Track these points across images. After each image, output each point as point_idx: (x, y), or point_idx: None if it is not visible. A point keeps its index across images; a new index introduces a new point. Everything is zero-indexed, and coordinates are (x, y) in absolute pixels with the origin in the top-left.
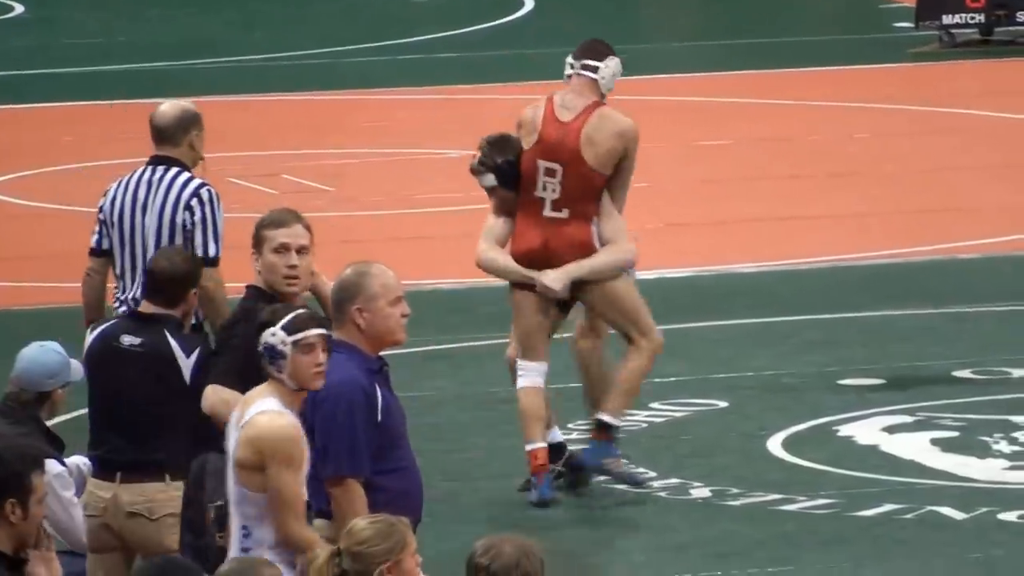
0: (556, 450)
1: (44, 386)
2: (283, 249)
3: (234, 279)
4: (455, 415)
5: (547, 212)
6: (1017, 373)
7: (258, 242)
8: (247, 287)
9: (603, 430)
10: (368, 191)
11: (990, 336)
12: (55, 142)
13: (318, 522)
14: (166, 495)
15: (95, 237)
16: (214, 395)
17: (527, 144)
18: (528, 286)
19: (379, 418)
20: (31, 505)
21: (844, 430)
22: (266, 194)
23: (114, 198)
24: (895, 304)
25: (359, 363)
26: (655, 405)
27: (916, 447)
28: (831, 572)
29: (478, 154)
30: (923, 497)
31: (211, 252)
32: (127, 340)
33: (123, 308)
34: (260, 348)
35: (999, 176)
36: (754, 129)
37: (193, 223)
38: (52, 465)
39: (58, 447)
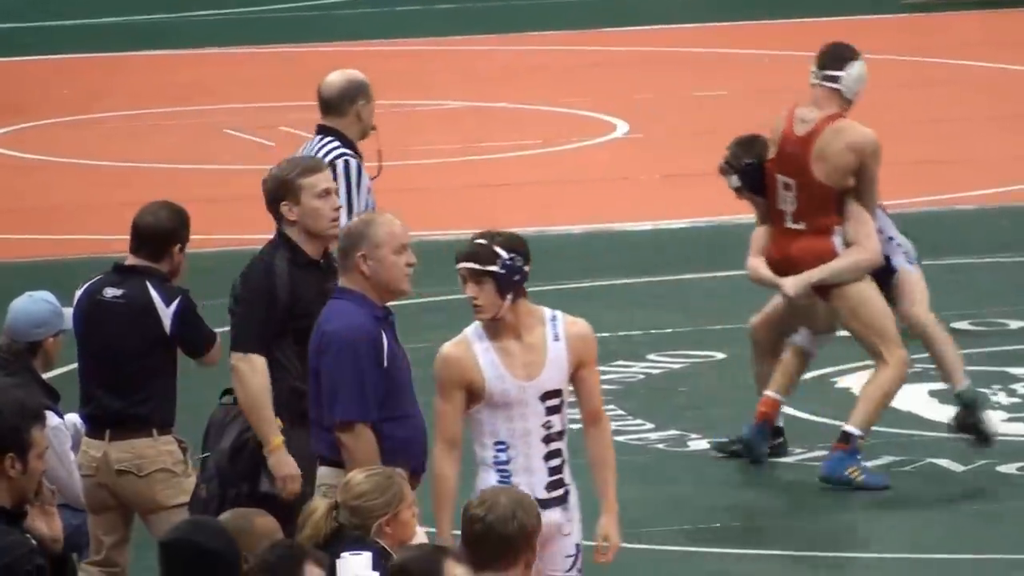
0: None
1: (33, 336)
2: (326, 193)
3: (241, 230)
4: None
5: (788, 223)
6: (1015, 324)
7: (292, 191)
8: (276, 236)
9: (845, 440)
10: (364, 142)
11: (987, 287)
12: (52, 95)
13: (323, 470)
14: (154, 450)
15: None
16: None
17: (771, 154)
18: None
19: (384, 365)
20: (31, 459)
21: (843, 382)
22: (264, 146)
23: None
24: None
25: (365, 310)
26: (652, 357)
27: (915, 399)
28: (830, 523)
29: (727, 153)
30: (922, 449)
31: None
32: (110, 293)
33: None
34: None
35: (995, 127)
36: (750, 80)
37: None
38: (50, 418)
39: (54, 398)
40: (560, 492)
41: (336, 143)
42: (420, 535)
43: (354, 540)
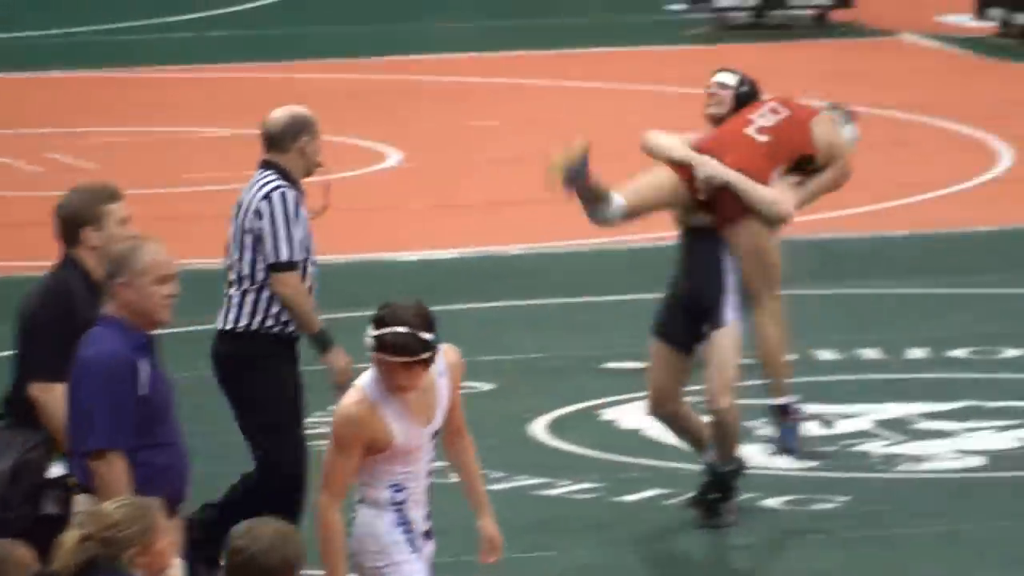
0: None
1: None
2: (124, 221)
3: (8, 257)
4: (217, 397)
5: None
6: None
7: (95, 218)
8: (65, 260)
9: (782, 413)
10: (135, 169)
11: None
12: None
13: (81, 498)
14: None
15: None
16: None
17: None
18: None
19: (142, 392)
20: None
21: (607, 414)
22: (31, 172)
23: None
24: (661, 287)
25: (123, 337)
26: None
27: None
28: (594, 557)
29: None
30: (687, 482)
31: (283, 256)
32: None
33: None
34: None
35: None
36: (525, 110)
37: (260, 227)
38: None
39: None
40: (431, 520)
41: (274, 176)
42: (176, 565)
43: (107, 571)
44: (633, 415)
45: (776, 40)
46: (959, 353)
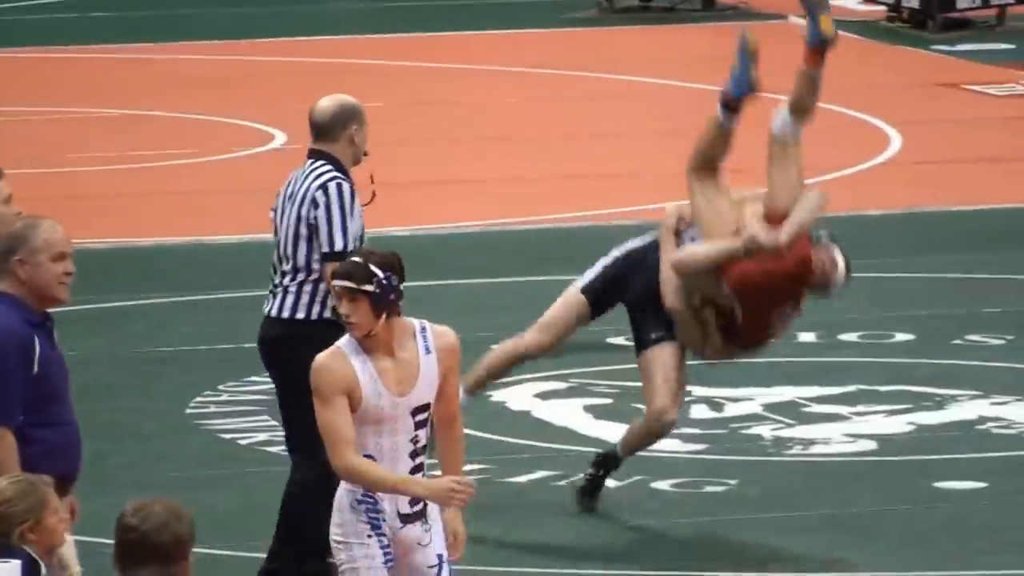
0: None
1: None
2: (9, 200)
3: None
4: (103, 375)
5: None
6: None
7: None
8: None
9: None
10: (19, 149)
11: None
12: None
13: None
14: None
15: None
16: None
17: None
18: None
19: (36, 370)
20: None
21: (497, 395)
22: None
23: (279, 193)
24: (545, 270)
25: (18, 314)
26: None
27: (569, 414)
28: (482, 538)
29: None
30: (576, 464)
31: (337, 246)
32: None
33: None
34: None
35: (655, 142)
36: (410, 92)
37: (316, 217)
38: None
39: None
40: (420, 507)
41: (328, 167)
42: (69, 542)
43: (1, 547)
44: (522, 397)
45: (662, 24)
46: (849, 337)
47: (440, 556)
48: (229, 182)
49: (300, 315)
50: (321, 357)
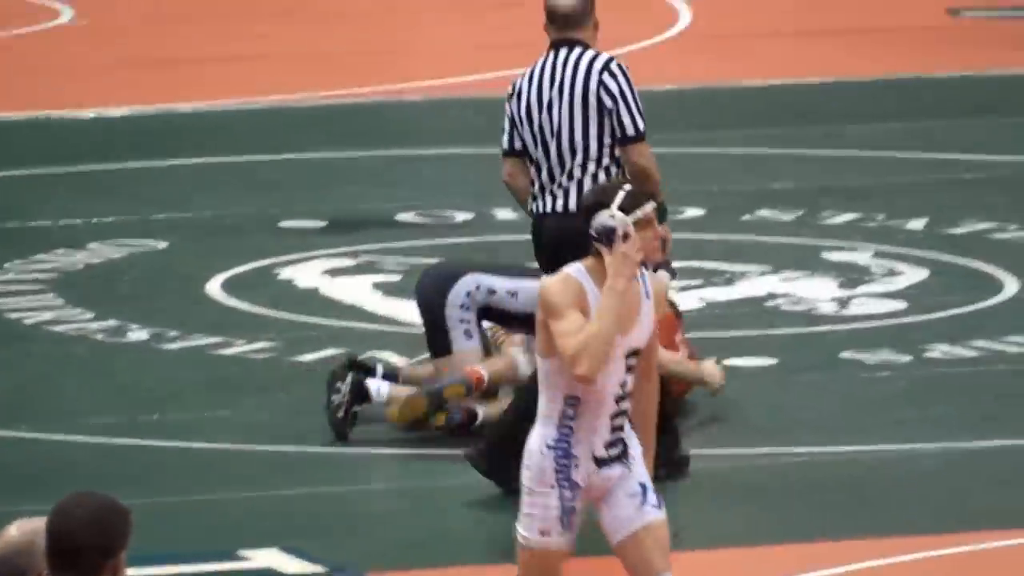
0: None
1: None
2: None
3: None
4: None
5: None
6: (460, 217)
7: None
8: None
9: None
10: None
11: (433, 179)
12: None
13: None
14: None
15: (505, 137)
16: None
17: None
18: None
19: None
20: None
21: (285, 273)
22: None
23: (519, 93)
24: (338, 145)
25: None
26: (93, 246)
27: (358, 291)
28: (271, 416)
29: None
30: (365, 341)
31: (640, 127)
32: None
33: (539, 206)
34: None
35: (446, 17)
36: None
37: (614, 99)
38: None
39: None
40: (618, 450)
41: (595, 51)
42: None
43: None
44: (310, 274)
45: None
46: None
47: (643, 484)
48: (15, 60)
49: None
50: (556, 277)
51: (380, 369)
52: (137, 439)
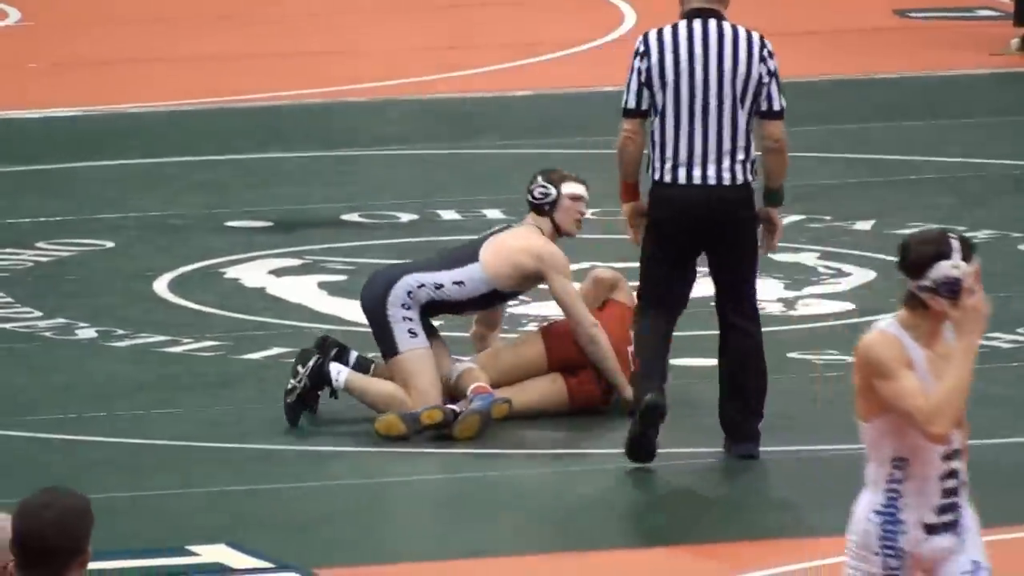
0: None
1: None
2: None
3: None
4: None
5: None
6: (405, 217)
7: None
8: None
9: None
10: None
11: (377, 179)
12: None
13: None
14: None
15: (632, 96)
16: None
17: None
18: None
19: None
20: None
21: (231, 272)
22: None
23: (661, 55)
24: (284, 146)
25: None
26: (41, 244)
27: (303, 290)
28: (219, 414)
29: None
30: (312, 340)
31: (784, 103)
32: None
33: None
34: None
35: (390, 19)
36: None
37: (770, 74)
38: None
39: None
40: (951, 517)
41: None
42: None
43: None
44: (256, 273)
45: None
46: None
47: (976, 562)
48: None
49: (749, 178)
50: (875, 332)
51: (353, 357)
52: (85, 435)
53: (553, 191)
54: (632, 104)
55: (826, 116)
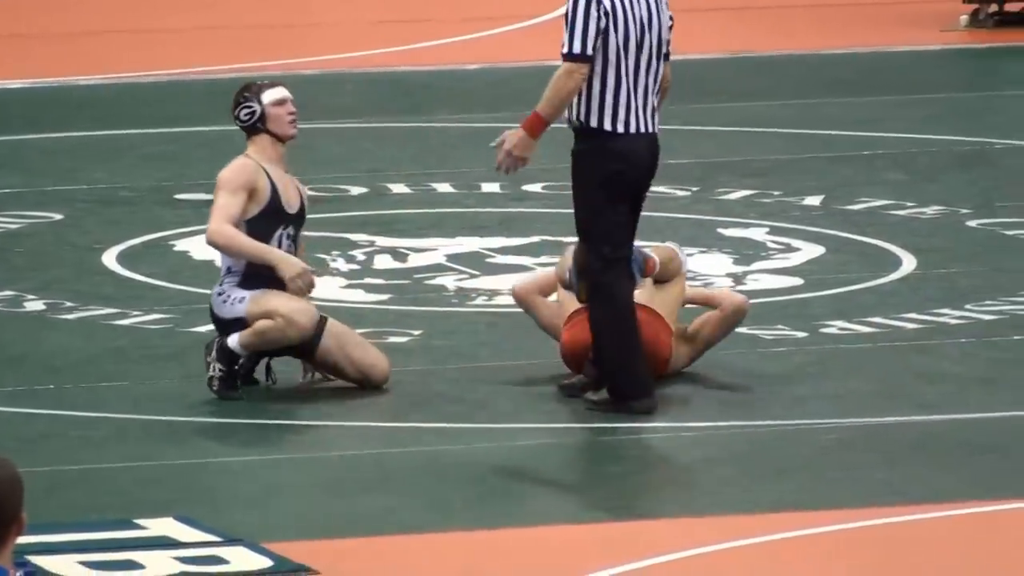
0: None
1: None
2: None
3: None
4: None
5: None
6: (355, 190)
7: None
8: None
9: None
10: None
11: (329, 153)
12: None
13: None
14: None
15: (589, 42)
16: None
17: None
18: None
19: None
20: None
21: (180, 245)
22: None
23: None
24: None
25: None
26: None
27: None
28: (168, 387)
29: None
30: None
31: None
32: None
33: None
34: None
35: None
36: None
37: (671, 20)
38: None
39: None
40: None
41: None
42: None
43: None
44: (205, 246)
45: None
46: (533, 188)
47: None
48: None
49: None
50: None
51: None
52: (33, 408)
53: (256, 106)
54: (590, 50)
55: (776, 92)
